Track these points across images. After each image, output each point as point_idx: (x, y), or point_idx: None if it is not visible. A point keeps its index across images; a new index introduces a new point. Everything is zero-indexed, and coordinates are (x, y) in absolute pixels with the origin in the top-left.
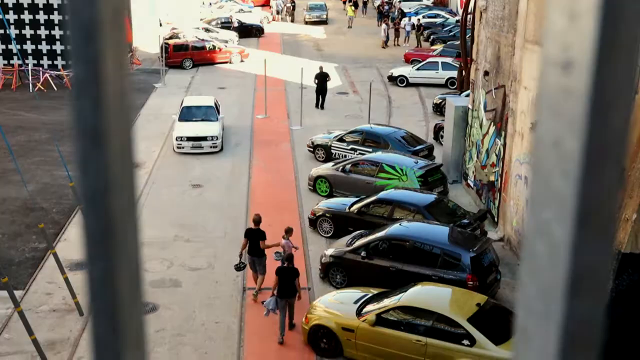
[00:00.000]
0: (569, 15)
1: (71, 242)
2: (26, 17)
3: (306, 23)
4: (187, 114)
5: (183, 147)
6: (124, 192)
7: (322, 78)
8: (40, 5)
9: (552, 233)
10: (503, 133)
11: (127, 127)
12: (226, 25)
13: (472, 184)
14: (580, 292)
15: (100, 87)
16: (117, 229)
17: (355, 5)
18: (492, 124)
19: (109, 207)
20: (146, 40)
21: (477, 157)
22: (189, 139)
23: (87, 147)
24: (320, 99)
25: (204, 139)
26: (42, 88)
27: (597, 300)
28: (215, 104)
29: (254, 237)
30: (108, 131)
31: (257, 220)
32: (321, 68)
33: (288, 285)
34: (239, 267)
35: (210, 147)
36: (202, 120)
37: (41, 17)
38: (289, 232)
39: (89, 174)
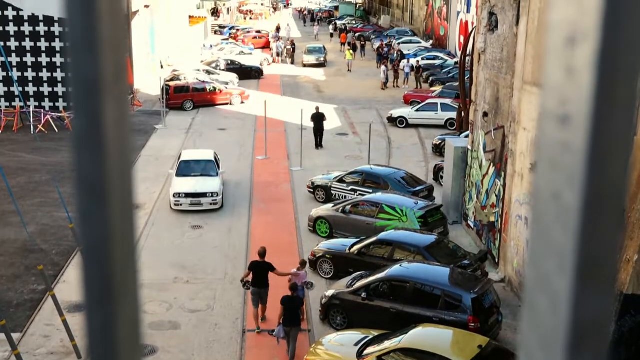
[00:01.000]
0: (566, 69)
1: (70, 284)
2: (29, 59)
3: (304, 66)
4: (185, 169)
5: (181, 204)
6: (124, 243)
7: (318, 118)
8: (43, 49)
9: (553, 285)
10: (503, 174)
11: (128, 180)
12: (216, 67)
13: (472, 225)
14: (582, 344)
15: (100, 141)
16: (117, 279)
17: (354, 48)
18: (492, 164)
19: (109, 258)
20: (147, 82)
21: (477, 197)
22: (188, 195)
23: (88, 199)
24: (319, 138)
25: (204, 195)
26: (44, 130)
27: (599, 352)
28: (215, 158)
29: (259, 270)
30: (108, 184)
31: (263, 253)
32: (317, 108)
33: (293, 313)
34: (247, 286)
35: (210, 203)
36: (201, 175)
37: (43, 59)
38: (303, 264)
39: (89, 226)
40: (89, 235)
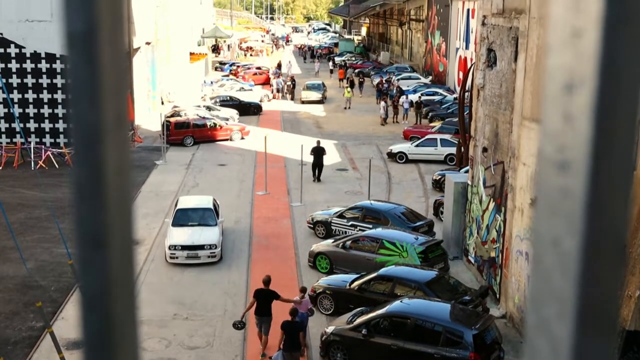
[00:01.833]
0: (564, 116)
1: (69, 321)
2: (30, 96)
3: (302, 102)
4: (182, 217)
5: (177, 257)
6: (124, 292)
7: (318, 152)
8: (45, 85)
9: (553, 331)
10: (503, 209)
11: (128, 230)
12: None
13: (473, 260)
14: None
15: (101, 190)
16: (117, 327)
17: (352, 84)
18: (492, 199)
19: (108, 307)
20: (148, 118)
21: (478, 233)
22: (184, 247)
23: (88, 249)
24: (317, 172)
25: (201, 247)
26: (44, 166)
27: None
28: (214, 205)
29: (264, 298)
30: (109, 235)
31: (267, 281)
32: (318, 142)
33: (293, 339)
34: (238, 327)
35: (208, 256)
36: (199, 224)
37: (45, 96)
38: (303, 290)
39: (90, 274)
40: (89, 283)
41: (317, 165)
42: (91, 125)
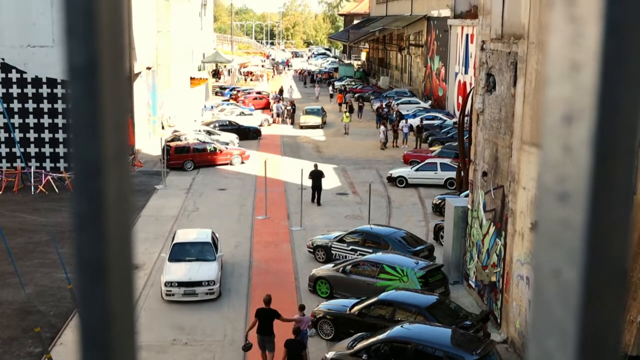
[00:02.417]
0: (563, 147)
1: (67, 346)
2: (31, 121)
3: (301, 128)
4: (179, 252)
5: (173, 294)
6: (123, 321)
7: (316, 175)
8: (45, 110)
9: None
10: (503, 233)
11: (128, 261)
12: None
13: (473, 285)
14: None
15: (101, 222)
16: (116, 355)
17: (350, 109)
18: (492, 224)
19: (107, 336)
20: (148, 142)
21: (478, 257)
22: (181, 284)
23: (88, 279)
24: (316, 195)
25: (199, 284)
26: (44, 190)
27: None
28: (213, 239)
29: (265, 317)
30: (109, 265)
31: (268, 300)
32: (316, 166)
33: (296, 357)
34: (246, 348)
35: (207, 293)
36: (197, 260)
37: (45, 120)
38: (302, 308)
39: (89, 305)
40: (89, 312)
41: (316, 188)
42: (92, 157)
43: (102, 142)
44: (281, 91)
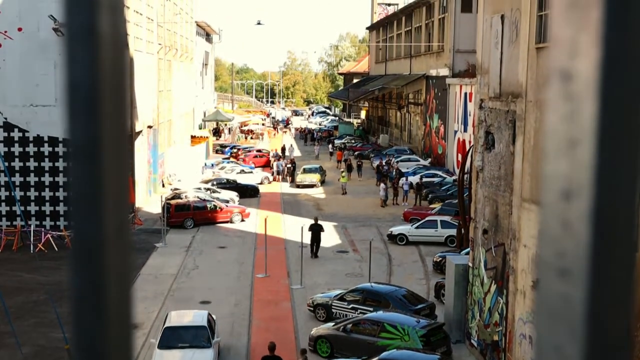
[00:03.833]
0: (562, 223)
1: None
2: (32, 179)
3: (297, 187)
4: (171, 338)
5: None
6: None
7: (316, 229)
8: (47, 168)
9: None
10: (505, 291)
11: (128, 345)
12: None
13: (475, 344)
14: None
15: (101, 304)
16: None
17: (349, 168)
18: (494, 282)
19: None
20: (149, 200)
21: (480, 316)
22: None
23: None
24: (315, 248)
25: None
26: (43, 249)
27: None
28: (209, 322)
29: None
30: (107, 346)
31: (272, 347)
32: (316, 219)
33: None
34: None
35: None
36: (190, 346)
37: (46, 179)
38: (304, 352)
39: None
40: None
41: (316, 241)
42: (92, 236)
43: (103, 222)
44: (283, 149)
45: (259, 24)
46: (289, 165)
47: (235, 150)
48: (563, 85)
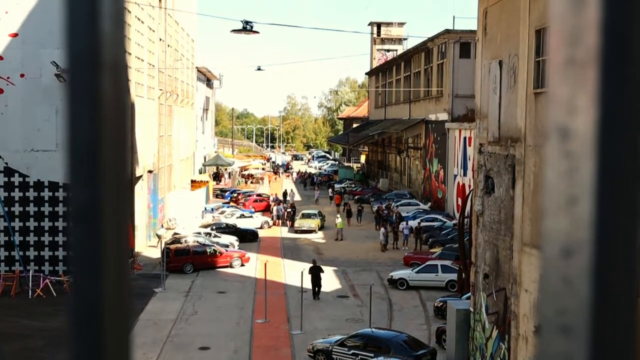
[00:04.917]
0: (562, 279)
1: None
2: (31, 224)
3: (295, 232)
4: None
5: None
6: None
7: (315, 272)
8: (46, 213)
9: None
10: (507, 336)
11: None
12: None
13: None
14: None
15: (100, 335)
16: None
17: (348, 213)
18: (495, 327)
19: None
20: (148, 245)
21: None
22: None
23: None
24: (316, 290)
25: None
26: (42, 294)
27: None
28: None
29: None
30: None
31: None
32: (314, 262)
33: None
34: None
35: None
36: None
37: (46, 224)
38: None
39: None
40: None
41: (316, 284)
42: (93, 299)
43: (103, 284)
44: (285, 194)
45: (259, 69)
46: (289, 210)
47: (235, 195)
48: (561, 143)
